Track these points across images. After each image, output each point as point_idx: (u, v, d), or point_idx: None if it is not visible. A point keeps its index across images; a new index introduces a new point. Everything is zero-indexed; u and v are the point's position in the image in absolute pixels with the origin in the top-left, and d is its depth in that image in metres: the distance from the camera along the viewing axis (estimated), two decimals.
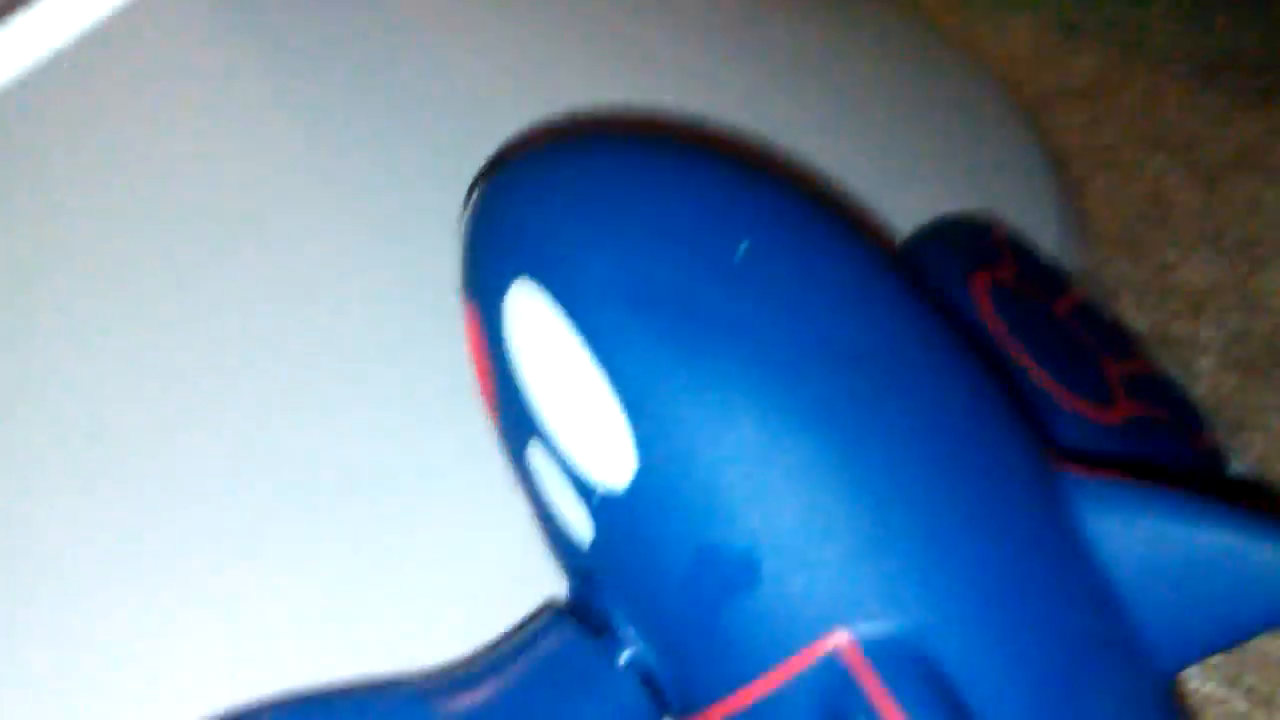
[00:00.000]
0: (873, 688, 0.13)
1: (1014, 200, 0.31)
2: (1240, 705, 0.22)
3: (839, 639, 0.14)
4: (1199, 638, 0.15)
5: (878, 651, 0.14)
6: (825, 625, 0.14)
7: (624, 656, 0.15)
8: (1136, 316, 0.31)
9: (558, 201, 0.16)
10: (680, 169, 0.16)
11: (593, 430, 0.15)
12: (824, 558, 0.14)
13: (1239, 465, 0.25)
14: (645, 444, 0.15)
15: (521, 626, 0.16)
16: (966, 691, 0.14)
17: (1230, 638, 0.15)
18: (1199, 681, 0.22)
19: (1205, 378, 0.30)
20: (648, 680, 0.15)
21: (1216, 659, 0.22)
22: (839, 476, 0.14)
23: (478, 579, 0.18)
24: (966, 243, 0.24)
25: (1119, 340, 0.25)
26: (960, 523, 0.14)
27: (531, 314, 0.16)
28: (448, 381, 0.19)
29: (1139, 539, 0.15)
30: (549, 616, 0.16)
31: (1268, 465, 0.27)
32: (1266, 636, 0.23)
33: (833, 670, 0.14)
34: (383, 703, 0.15)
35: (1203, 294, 0.32)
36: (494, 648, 0.16)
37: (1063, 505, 0.15)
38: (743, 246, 0.15)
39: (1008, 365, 0.21)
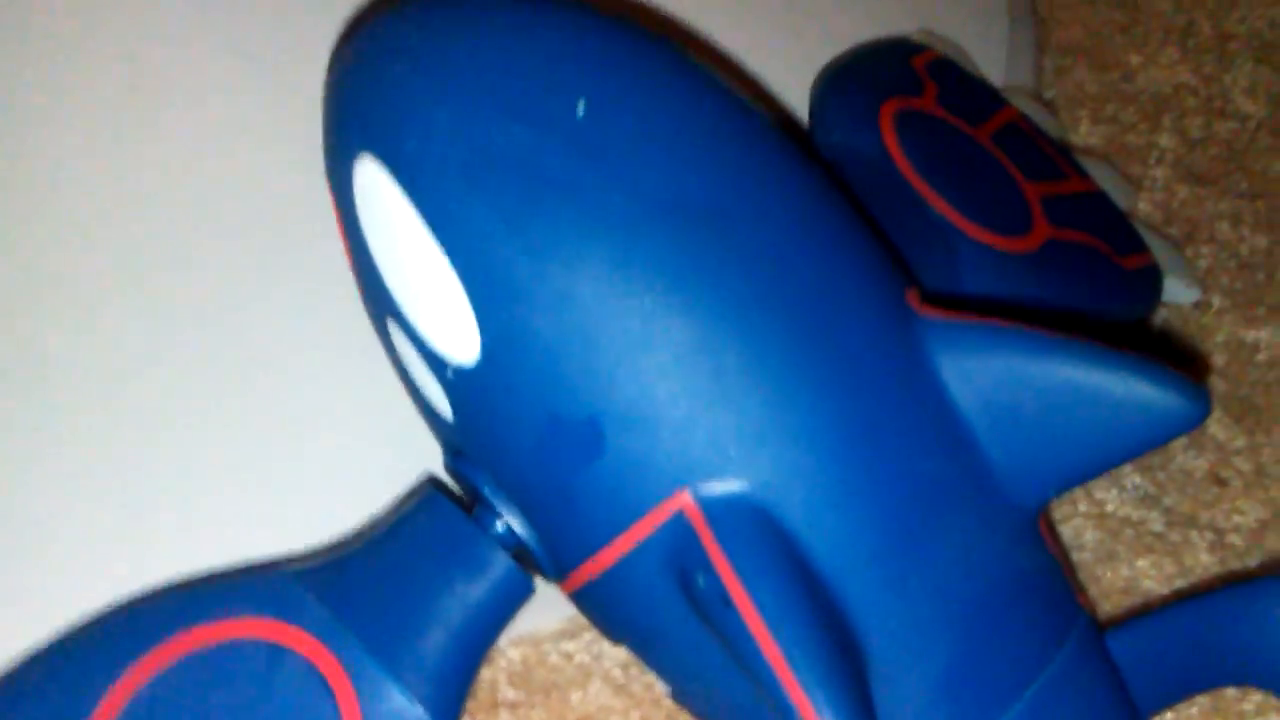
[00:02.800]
0: (710, 546, 0.14)
1: (965, 11, 0.30)
2: (1158, 525, 0.22)
3: (683, 500, 0.14)
4: (1060, 471, 0.15)
5: (717, 510, 0.14)
6: (670, 487, 0.14)
7: (496, 527, 0.16)
8: (1091, 129, 0.30)
9: (397, 70, 0.16)
10: (527, 25, 0.16)
11: (438, 307, 0.15)
12: (664, 420, 0.14)
13: (1183, 279, 0.25)
14: (487, 319, 0.15)
15: (400, 502, 0.16)
16: (812, 542, 0.14)
17: (1091, 469, 0.16)
18: (1115, 504, 0.22)
19: (1158, 191, 0.29)
20: (520, 549, 0.16)
21: (1134, 479, 0.22)
22: (675, 341, 0.14)
23: (365, 453, 0.18)
24: (883, 71, 0.23)
25: (1047, 162, 0.24)
26: (802, 378, 0.14)
27: (375, 190, 0.15)
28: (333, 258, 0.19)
29: (995, 377, 0.15)
30: (425, 491, 0.16)
31: (1213, 277, 0.26)
32: (1189, 455, 0.23)
33: (680, 529, 0.14)
34: (258, 584, 0.16)
35: (1164, 99, 0.31)
36: (372, 525, 0.16)
37: (917, 348, 0.15)
38: (582, 105, 0.15)
39: (906, 199, 0.21)
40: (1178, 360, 0.24)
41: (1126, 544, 0.21)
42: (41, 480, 0.18)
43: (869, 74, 0.23)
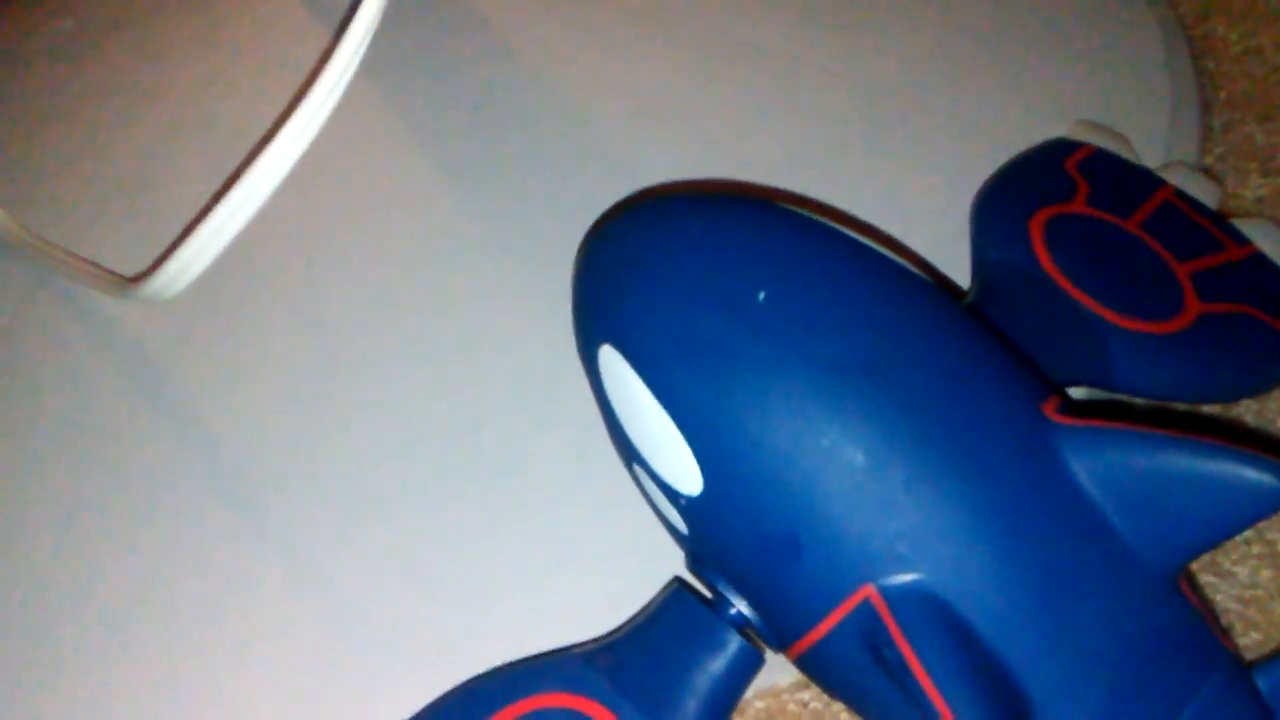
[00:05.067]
0: (891, 626, 0.18)
1: (1126, 92, 0.32)
2: None
3: (869, 591, 0.18)
4: (1182, 544, 0.19)
5: (896, 597, 0.18)
6: (857, 582, 0.19)
7: (730, 613, 0.20)
8: (1261, 182, 0.32)
9: (622, 276, 0.21)
10: (717, 230, 0.21)
11: (669, 456, 0.20)
12: (847, 532, 0.19)
13: None
14: (705, 462, 0.19)
15: (655, 598, 0.21)
16: (979, 621, 0.18)
17: (1208, 541, 0.19)
18: None
19: None
20: (747, 630, 0.20)
21: None
22: (849, 470, 0.19)
23: (629, 563, 0.23)
24: (1035, 180, 0.27)
25: (1200, 237, 0.27)
26: (955, 488, 0.18)
27: (615, 370, 0.21)
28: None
29: (1118, 470, 0.19)
30: (674, 588, 0.21)
31: None
32: None
33: (867, 614, 0.18)
34: (558, 666, 0.21)
35: None
36: (635, 617, 0.21)
37: (1053, 451, 0.19)
38: (762, 294, 0.20)
39: (1057, 303, 0.24)
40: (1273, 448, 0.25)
41: None
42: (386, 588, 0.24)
43: (1020, 186, 0.26)
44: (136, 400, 0.27)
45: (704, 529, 0.20)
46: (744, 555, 0.20)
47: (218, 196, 0.25)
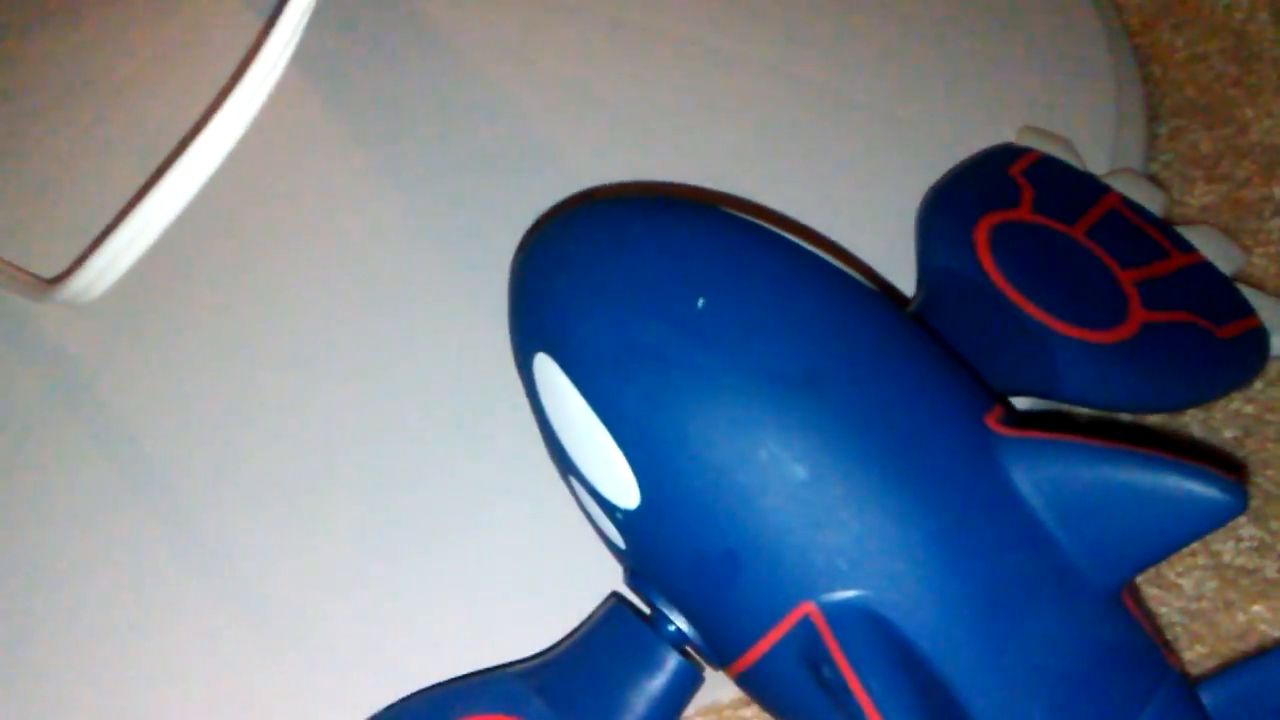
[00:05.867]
0: (830, 643, 0.17)
1: (1072, 99, 0.32)
2: (1271, 572, 0.24)
3: (808, 607, 0.18)
4: (1126, 558, 0.18)
5: (835, 614, 0.18)
6: (797, 598, 0.18)
7: (668, 629, 0.20)
8: (1206, 189, 0.32)
9: (558, 283, 0.20)
10: (657, 236, 0.20)
11: (605, 468, 0.19)
12: (785, 548, 0.18)
13: None
14: (642, 475, 0.19)
15: (592, 614, 0.21)
16: (919, 639, 0.18)
17: (1152, 556, 0.18)
18: (1231, 554, 0.24)
19: (1273, 244, 0.30)
20: (686, 647, 0.20)
21: (1250, 530, 0.24)
22: (788, 484, 0.18)
23: (567, 578, 0.22)
24: (981, 187, 0.26)
25: (1145, 245, 0.27)
26: (896, 502, 0.18)
27: (550, 379, 0.20)
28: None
29: (1060, 483, 0.18)
30: (612, 604, 0.21)
31: None
32: None
33: (807, 632, 0.18)
34: (491, 685, 0.20)
35: (1277, 151, 0.32)
36: (572, 634, 0.21)
37: (995, 463, 0.19)
38: (701, 301, 0.19)
39: (1003, 310, 0.24)
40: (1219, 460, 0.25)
41: (1242, 591, 0.24)
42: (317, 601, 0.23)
43: (966, 193, 0.26)
44: (55, 404, 0.26)
45: (641, 543, 0.20)
46: (682, 571, 0.19)
47: (140, 195, 0.24)
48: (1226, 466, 0.20)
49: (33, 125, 0.31)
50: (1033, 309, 0.24)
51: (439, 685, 0.21)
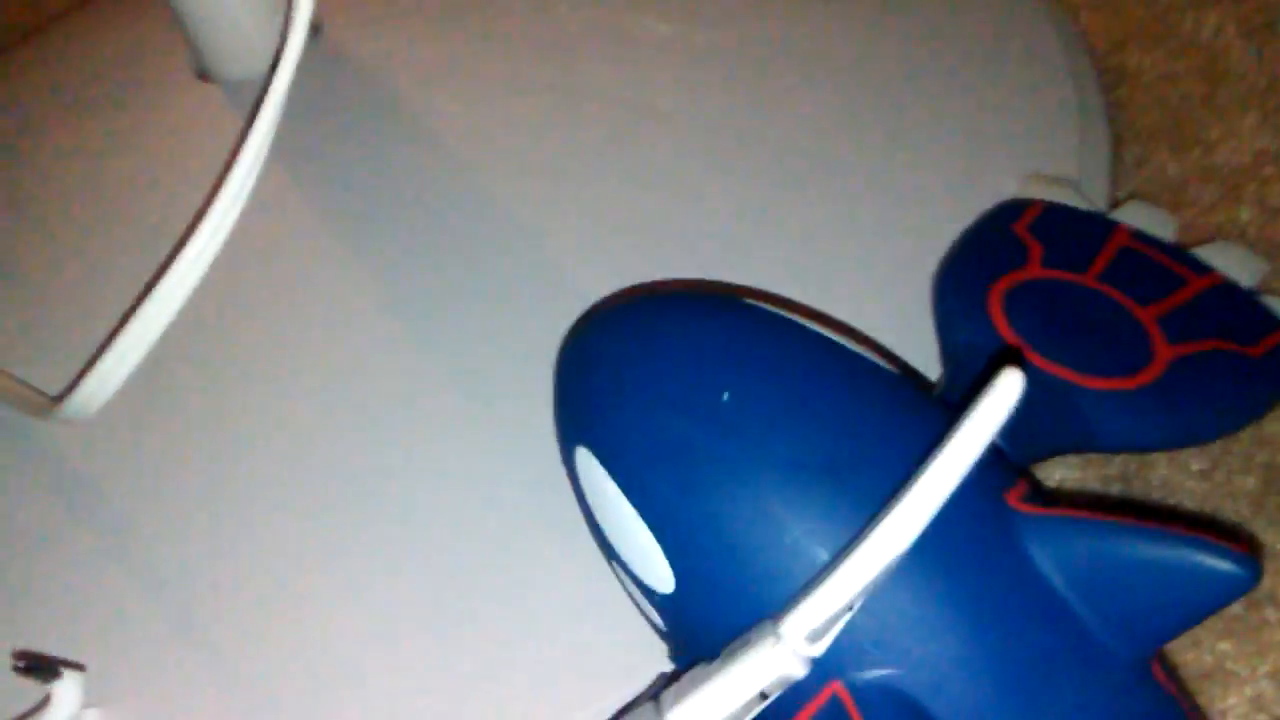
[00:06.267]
0: (855, 716, 0.18)
1: (1037, 113, 0.31)
2: (1237, 609, 0.24)
3: (835, 687, 0.19)
4: (1148, 631, 0.19)
5: (864, 695, 0.19)
6: (825, 678, 0.19)
7: None
8: (1173, 214, 0.29)
9: (596, 381, 0.21)
10: (686, 334, 0.21)
11: (642, 554, 0.20)
12: None
13: None
14: (676, 562, 0.20)
15: (641, 695, 0.22)
16: (942, 712, 0.18)
17: (1172, 629, 0.19)
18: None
19: None
20: None
21: None
22: (812, 567, 0.19)
23: (614, 657, 0.23)
24: (988, 251, 0.27)
25: (1161, 276, 0.26)
26: (920, 584, 0.19)
27: (590, 470, 0.21)
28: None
29: (1079, 559, 0.19)
30: (661, 683, 0.22)
31: None
32: (1271, 532, 0.24)
33: (836, 711, 0.19)
34: None
35: (1244, 170, 0.30)
36: (620, 713, 0.22)
37: (1016, 542, 0.19)
38: (726, 395, 0.20)
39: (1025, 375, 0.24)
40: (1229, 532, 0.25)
41: (1208, 629, 0.24)
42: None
43: (974, 261, 0.26)
44: (57, 513, 0.27)
45: (678, 625, 0.21)
46: (718, 651, 0.20)
47: (132, 310, 0.25)
48: (1233, 537, 0.20)
49: (33, 229, 0.32)
50: (1056, 369, 0.24)
51: None
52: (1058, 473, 0.26)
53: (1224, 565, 0.18)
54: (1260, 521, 0.25)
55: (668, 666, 0.22)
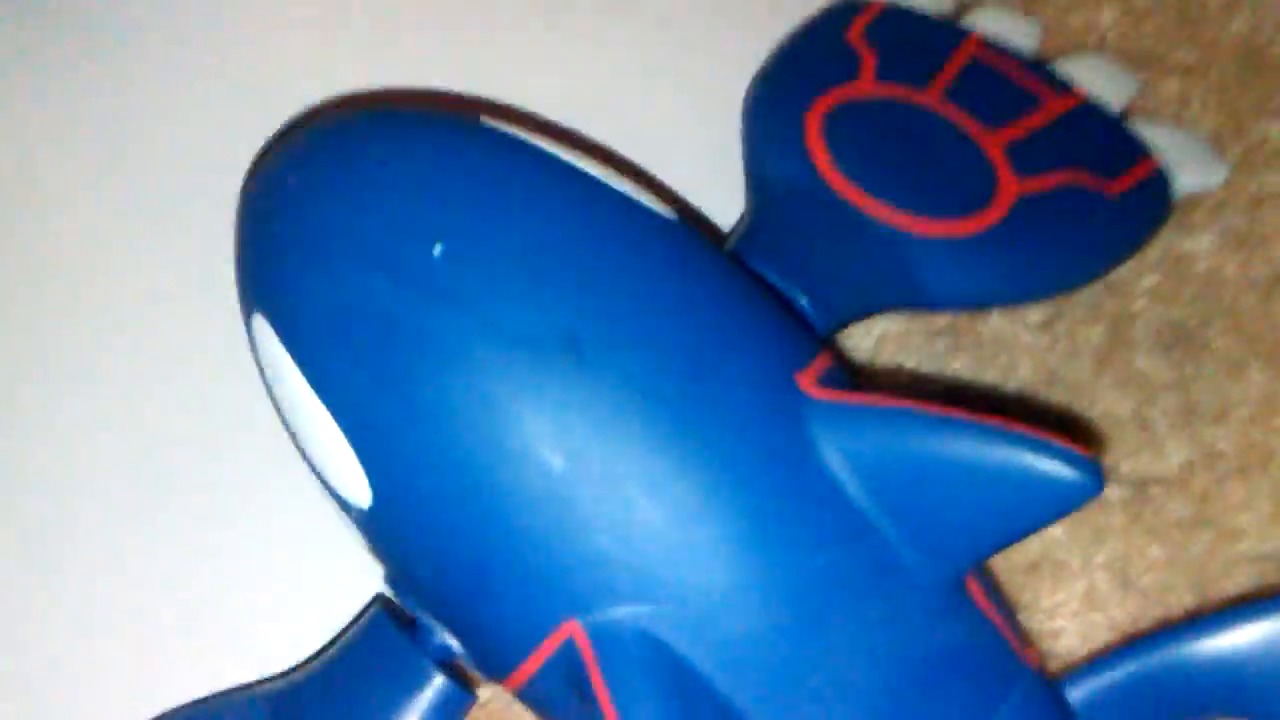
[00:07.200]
0: (591, 669, 0.14)
1: None
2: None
3: (573, 628, 0.15)
4: (963, 547, 0.15)
5: (602, 638, 0.14)
6: (558, 617, 0.15)
7: (434, 642, 0.16)
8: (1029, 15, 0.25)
9: (276, 226, 0.16)
10: (398, 160, 0.16)
11: (332, 458, 0.16)
12: (545, 557, 0.15)
13: (1200, 165, 0.22)
14: (372, 470, 0.15)
15: (353, 622, 0.17)
16: (706, 663, 0.14)
17: (994, 544, 0.15)
18: None
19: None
20: (456, 661, 0.16)
21: None
22: (548, 483, 0.14)
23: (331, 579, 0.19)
24: (813, 62, 0.22)
25: (1014, 96, 0.22)
26: (680, 495, 0.14)
27: (269, 346, 0.16)
28: None
29: (881, 458, 0.15)
30: (375, 612, 0.17)
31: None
32: (1114, 397, 0.21)
33: (570, 654, 0.15)
34: (231, 710, 0.17)
35: None
36: (328, 647, 0.17)
37: (803, 436, 0.15)
38: (439, 246, 0.15)
39: (846, 220, 0.19)
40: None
41: None
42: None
43: (795, 73, 0.21)
44: None
45: (383, 546, 0.16)
46: (432, 582, 0.16)
47: None
48: (1077, 435, 0.16)
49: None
50: (882, 209, 0.19)
51: (171, 713, 0.18)
52: (878, 326, 0.22)
53: (1064, 471, 0.14)
54: (1104, 383, 0.21)
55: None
